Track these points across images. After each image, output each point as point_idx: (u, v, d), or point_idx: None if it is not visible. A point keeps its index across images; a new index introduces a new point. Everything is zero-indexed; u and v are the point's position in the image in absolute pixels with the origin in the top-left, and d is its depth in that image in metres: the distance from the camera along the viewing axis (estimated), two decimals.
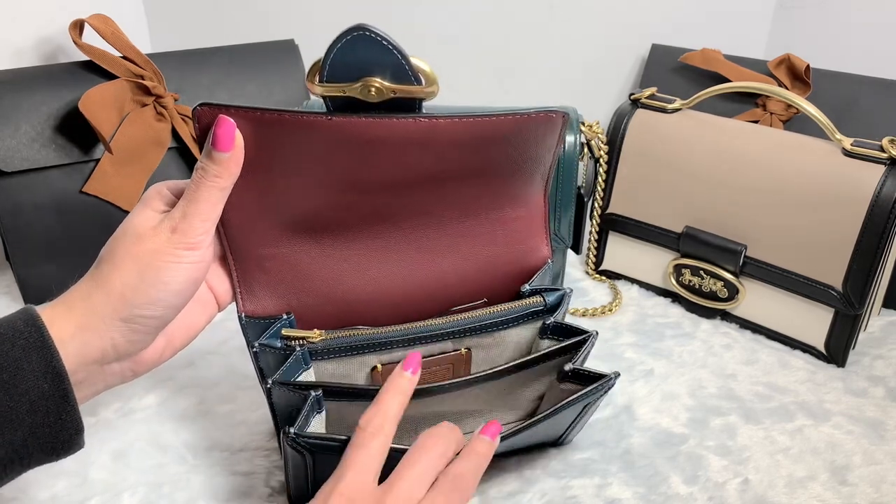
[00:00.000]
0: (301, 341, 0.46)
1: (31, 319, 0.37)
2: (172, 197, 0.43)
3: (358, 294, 0.48)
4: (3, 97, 0.64)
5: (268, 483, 0.48)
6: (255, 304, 0.46)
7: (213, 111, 0.40)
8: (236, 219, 0.44)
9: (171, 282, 0.40)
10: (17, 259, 0.67)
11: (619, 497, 0.47)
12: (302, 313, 0.47)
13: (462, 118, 0.42)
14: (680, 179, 0.66)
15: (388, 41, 0.39)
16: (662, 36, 0.89)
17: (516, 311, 0.49)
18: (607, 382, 0.44)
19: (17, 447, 0.37)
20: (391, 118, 0.41)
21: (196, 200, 0.40)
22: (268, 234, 0.45)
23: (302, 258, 0.46)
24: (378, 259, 0.47)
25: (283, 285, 0.46)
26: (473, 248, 0.49)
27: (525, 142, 0.45)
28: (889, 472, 0.50)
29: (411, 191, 0.45)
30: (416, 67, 0.40)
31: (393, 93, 0.40)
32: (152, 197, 0.42)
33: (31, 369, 0.36)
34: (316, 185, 0.43)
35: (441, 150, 0.43)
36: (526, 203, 0.49)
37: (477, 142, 0.43)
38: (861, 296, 0.58)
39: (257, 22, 0.93)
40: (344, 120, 0.41)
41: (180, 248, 0.40)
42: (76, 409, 0.38)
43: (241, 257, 0.45)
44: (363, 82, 0.40)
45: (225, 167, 0.40)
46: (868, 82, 0.73)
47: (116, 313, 0.39)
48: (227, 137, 0.40)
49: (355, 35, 0.39)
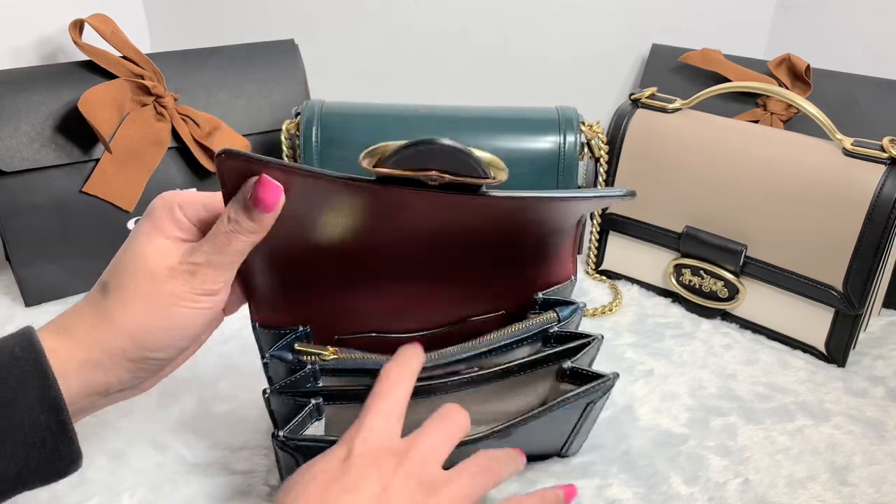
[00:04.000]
0: (313, 357, 0.45)
1: (30, 346, 0.35)
2: (187, 222, 0.39)
3: (372, 304, 0.46)
4: (3, 97, 0.64)
5: (267, 482, 0.48)
6: (269, 314, 0.44)
7: (239, 163, 0.37)
8: (255, 249, 0.41)
9: (186, 328, 0.38)
10: (17, 259, 0.67)
11: (619, 498, 0.47)
12: (316, 320, 0.46)
13: (524, 199, 0.40)
14: (680, 179, 0.66)
15: (457, 148, 0.36)
16: (662, 36, 0.89)
17: (530, 329, 0.48)
18: (605, 382, 0.44)
19: (10, 479, 0.35)
20: (448, 195, 0.39)
21: (225, 253, 0.38)
22: (284, 262, 0.43)
23: (317, 281, 0.44)
24: (394, 276, 0.46)
25: (296, 297, 0.45)
26: (498, 267, 0.47)
27: (576, 212, 0.45)
28: (889, 472, 0.50)
29: (440, 239, 0.43)
30: (488, 163, 0.37)
31: (452, 181, 0.38)
32: (163, 219, 0.39)
33: (27, 400, 0.34)
34: (341, 230, 0.41)
35: (487, 218, 0.42)
36: (562, 241, 0.48)
37: (528, 213, 0.43)
38: (861, 296, 0.58)
39: (257, 22, 0.93)
40: (396, 191, 0.38)
41: (200, 294, 0.38)
42: (74, 439, 0.36)
43: (256, 277, 0.43)
44: (426, 173, 0.37)
45: (262, 226, 0.38)
46: (868, 82, 0.73)
47: (125, 353, 0.37)
48: (272, 201, 0.37)
49: (422, 148, 0.36)
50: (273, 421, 0.44)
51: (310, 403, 0.41)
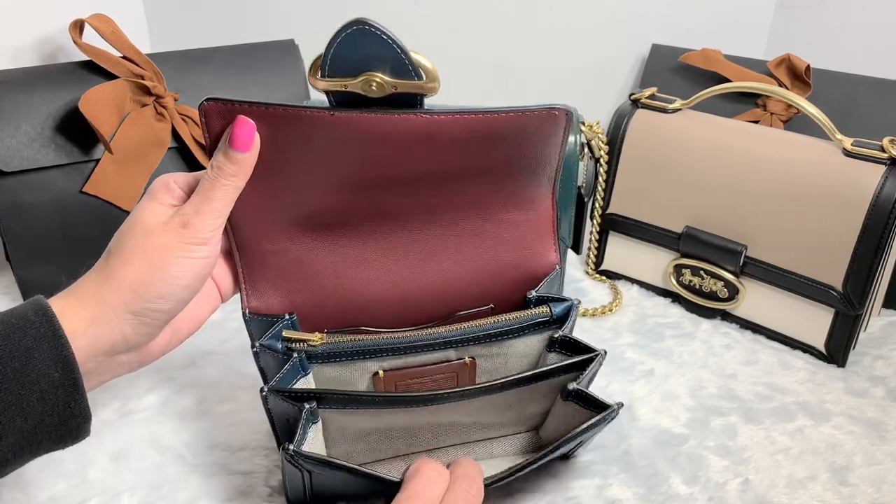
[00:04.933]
0: (302, 344, 0.46)
1: (42, 310, 0.38)
2: (180, 191, 0.43)
3: (360, 293, 0.47)
4: (3, 97, 0.64)
5: (267, 482, 0.48)
6: (260, 301, 0.46)
7: (220, 106, 0.41)
8: (243, 215, 0.44)
9: (180, 276, 0.40)
10: (17, 259, 0.67)
11: (619, 498, 0.47)
12: (305, 311, 0.47)
13: (463, 114, 0.42)
14: (680, 179, 0.66)
15: (388, 35, 0.39)
16: (662, 36, 0.89)
17: (521, 321, 0.48)
18: (610, 415, 0.43)
19: (28, 434, 0.37)
20: (392, 114, 0.41)
21: (211, 199, 0.41)
22: (273, 230, 0.45)
23: (305, 255, 0.46)
24: (381, 259, 0.47)
25: (286, 282, 0.46)
26: (478, 252, 0.48)
27: (528, 140, 0.44)
28: (889, 472, 0.50)
29: (414, 189, 0.45)
30: (417, 63, 0.40)
31: (394, 87, 0.41)
32: (159, 190, 0.42)
33: (43, 358, 0.37)
34: (319, 182, 0.44)
35: (442, 148, 0.43)
36: (533, 206, 0.48)
37: (478, 139, 0.43)
38: (861, 296, 0.58)
39: (257, 22, 0.93)
40: (345, 115, 0.41)
41: (191, 243, 0.41)
42: (85, 397, 0.39)
43: (247, 254, 0.45)
44: (364, 77, 0.40)
45: (241, 167, 0.41)
46: (868, 82, 0.73)
47: (127, 306, 0.40)
48: (246, 138, 0.41)
49: (355, 29, 0.39)
50: (270, 420, 0.44)
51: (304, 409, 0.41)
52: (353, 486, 0.43)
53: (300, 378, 0.46)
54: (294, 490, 0.43)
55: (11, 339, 0.36)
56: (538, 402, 0.48)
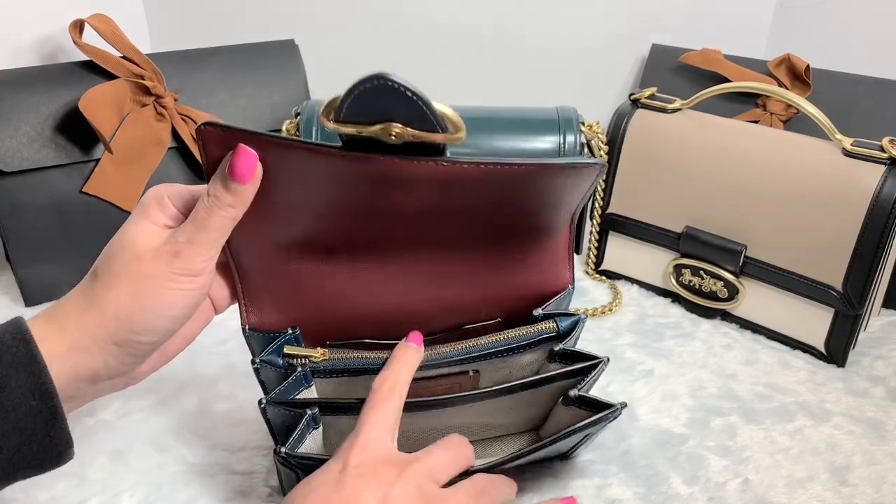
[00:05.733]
0: (303, 360, 0.44)
1: (20, 333, 0.36)
2: (174, 209, 0.40)
3: (364, 310, 0.46)
4: (3, 97, 0.64)
5: (267, 482, 0.48)
6: (260, 318, 0.45)
7: (218, 133, 0.38)
8: (242, 238, 0.42)
9: (169, 308, 0.38)
10: (17, 259, 0.67)
11: (619, 497, 0.47)
12: (306, 325, 0.46)
13: (488, 164, 0.39)
14: (680, 179, 0.66)
15: (412, 91, 0.35)
16: (662, 36, 0.89)
17: (528, 337, 0.47)
18: (612, 413, 0.43)
19: (4, 464, 0.35)
20: (411, 161, 0.38)
21: (205, 229, 0.38)
22: (272, 252, 0.43)
23: (307, 274, 0.44)
24: (386, 279, 0.45)
25: (287, 299, 0.45)
26: (491, 277, 0.47)
27: (556, 189, 0.42)
28: (889, 472, 0.50)
29: (425, 220, 0.42)
30: (442, 115, 0.37)
31: (414, 137, 0.37)
32: (151, 206, 0.40)
33: (19, 386, 0.35)
34: (323, 211, 0.41)
35: (462, 192, 0.41)
36: (551, 234, 0.46)
37: (503, 184, 0.41)
38: (861, 296, 0.58)
39: (257, 22, 0.93)
40: (359, 157, 0.38)
41: (182, 274, 0.38)
42: (65, 426, 0.37)
43: (246, 272, 0.43)
44: (383, 126, 0.37)
45: (240, 198, 0.38)
46: (868, 82, 0.73)
47: (110, 336, 0.37)
48: (247, 169, 0.38)
49: (375, 84, 0.35)
50: (269, 429, 0.44)
51: (306, 415, 0.41)
52: None
53: (303, 390, 0.45)
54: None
55: None
56: (538, 406, 0.48)
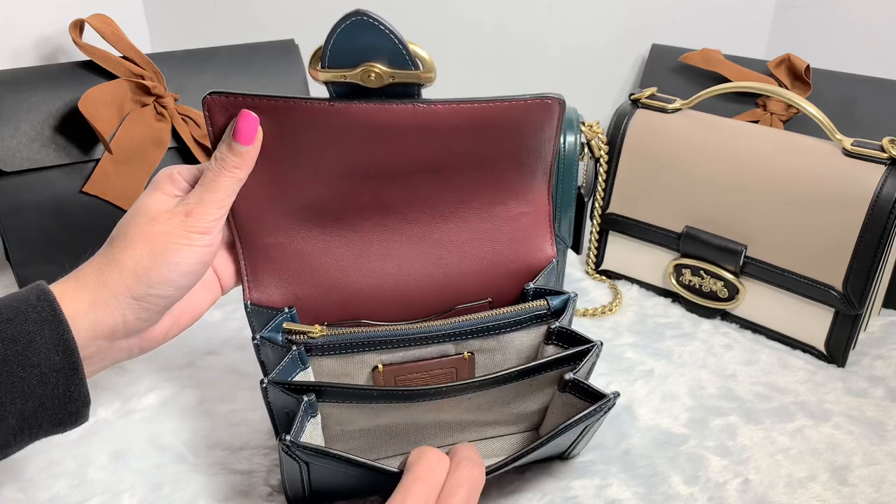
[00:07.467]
0: (302, 336, 0.46)
1: (44, 294, 0.39)
2: (184, 182, 0.44)
3: (360, 286, 0.48)
4: (3, 97, 0.64)
5: (267, 482, 0.48)
6: (261, 293, 0.47)
7: (223, 100, 0.42)
8: (245, 206, 0.45)
9: (182, 263, 0.41)
10: (17, 259, 0.67)
11: (619, 497, 0.47)
12: (306, 304, 0.48)
13: (459, 104, 0.43)
14: (680, 179, 0.66)
15: (387, 26, 0.40)
16: (662, 36, 0.89)
17: (519, 314, 0.49)
18: (606, 403, 0.44)
19: (28, 417, 0.38)
20: (390, 104, 0.42)
21: (214, 189, 0.42)
22: (274, 222, 0.46)
23: (306, 247, 0.47)
24: (380, 251, 0.48)
25: (287, 274, 0.47)
26: (477, 245, 0.49)
27: (522, 129, 0.46)
28: (889, 472, 0.50)
29: (412, 181, 0.46)
30: (415, 53, 0.41)
31: (392, 78, 0.42)
32: (163, 181, 0.44)
33: (44, 342, 0.38)
34: (319, 172, 0.45)
35: (439, 137, 0.44)
36: (529, 200, 0.49)
37: (474, 128, 0.44)
38: (861, 296, 0.58)
39: (257, 22, 0.93)
40: (345, 105, 0.42)
41: (193, 231, 0.42)
42: (84, 382, 0.39)
43: (249, 245, 0.47)
44: (363, 67, 0.41)
45: (244, 159, 0.43)
46: (868, 82, 0.73)
47: (129, 291, 0.40)
48: (250, 131, 0.42)
49: (354, 20, 0.40)
50: (270, 413, 0.45)
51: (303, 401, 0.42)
52: (352, 481, 0.43)
53: (299, 372, 0.46)
54: (293, 487, 0.43)
55: (13, 322, 0.37)
56: (537, 396, 0.48)
